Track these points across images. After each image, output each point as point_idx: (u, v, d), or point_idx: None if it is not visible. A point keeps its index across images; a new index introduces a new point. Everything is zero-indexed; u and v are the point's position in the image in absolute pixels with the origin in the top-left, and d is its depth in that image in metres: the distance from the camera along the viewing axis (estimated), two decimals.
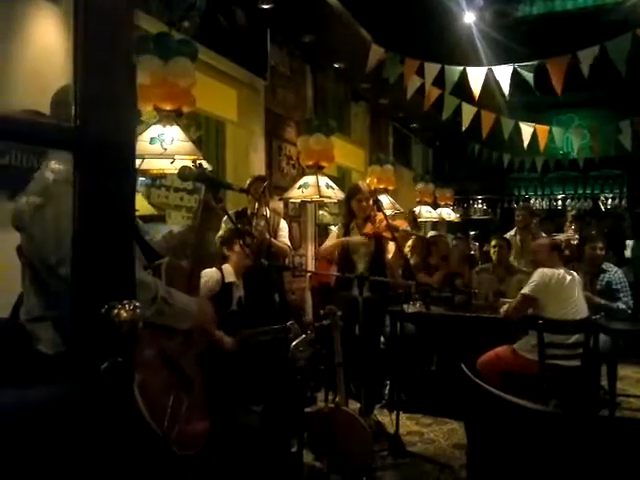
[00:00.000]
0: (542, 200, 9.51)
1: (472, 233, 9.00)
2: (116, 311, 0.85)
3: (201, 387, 1.56)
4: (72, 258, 0.89)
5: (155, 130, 3.03)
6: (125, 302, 0.86)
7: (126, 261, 0.92)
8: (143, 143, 2.98)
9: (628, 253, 6.70)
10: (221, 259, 3.10)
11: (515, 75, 4.39)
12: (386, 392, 4.11)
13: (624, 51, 3.60)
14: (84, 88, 0.90)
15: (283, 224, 4.17)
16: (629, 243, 6.82)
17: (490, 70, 4.38)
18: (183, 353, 1.50)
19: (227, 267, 3.06)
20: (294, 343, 1.81)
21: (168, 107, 3.04)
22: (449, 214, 8.08)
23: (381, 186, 6.22)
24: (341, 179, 6.78)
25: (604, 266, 4.17)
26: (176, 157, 2.95)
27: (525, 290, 3.41)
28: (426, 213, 7.44)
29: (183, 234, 1.83)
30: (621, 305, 3.97)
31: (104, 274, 0.89)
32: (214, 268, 2.97)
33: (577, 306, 3.37)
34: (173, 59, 2.97)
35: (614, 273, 4.11)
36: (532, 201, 9.38)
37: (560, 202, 9.40)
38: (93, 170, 0.89)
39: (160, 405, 1.30)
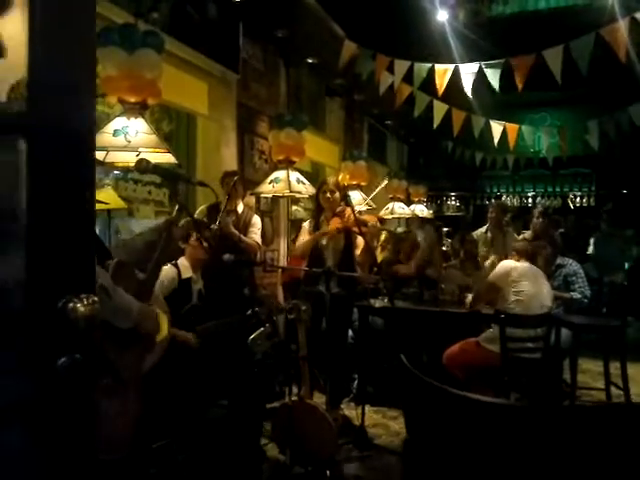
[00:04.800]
0: (513, 198, 9.69)
1: (445, 229, 9.11)
2: (72, 305, 0.80)
3: (136, 392, 1.50)
4: (26, 249, 0.83)
5: (119, 122, 2.99)
6: (83, 296, 0.81)
7: (85, 253, 0.88)
8: (107, 135, 2.94)
9: (591, 250, 6.86)
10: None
11: (484, 74, 4.45)
12: (354, 386, 4.14)
13: (587, 51, 3.68)
14: (39, 68, 0.85)
15: (255, 219, 4.12)
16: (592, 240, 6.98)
17: (458, 68, 4.43)
18: (120, 352, 1.45)
19: (183, 261, 2.98)
20: (252, 336, 1.81)
21: (133, 99, 2.99)
22: (422, 210, 8.15)
23: (354, 182, 6.23)
24: (315, 175, 6.78)
25: (560, 261, 4.25)
26: (140, 150, 2.91)
27: (489, 278, 3.53)
28: (399, 209, 7.49)
29: (146, 245, 1.79)
30: (575, 295, 4.07)
31: (61, 266, 0.84)
32: (168, 265, 2.86)
33: (541, 302, 3.43)
34: (138, 51, 2.93)
35: (569, 265, 4.21)
36: (504, 198, 9.56)
37: (531, 200, 9.59)
38: (48, 156, 0.84)
39: None
